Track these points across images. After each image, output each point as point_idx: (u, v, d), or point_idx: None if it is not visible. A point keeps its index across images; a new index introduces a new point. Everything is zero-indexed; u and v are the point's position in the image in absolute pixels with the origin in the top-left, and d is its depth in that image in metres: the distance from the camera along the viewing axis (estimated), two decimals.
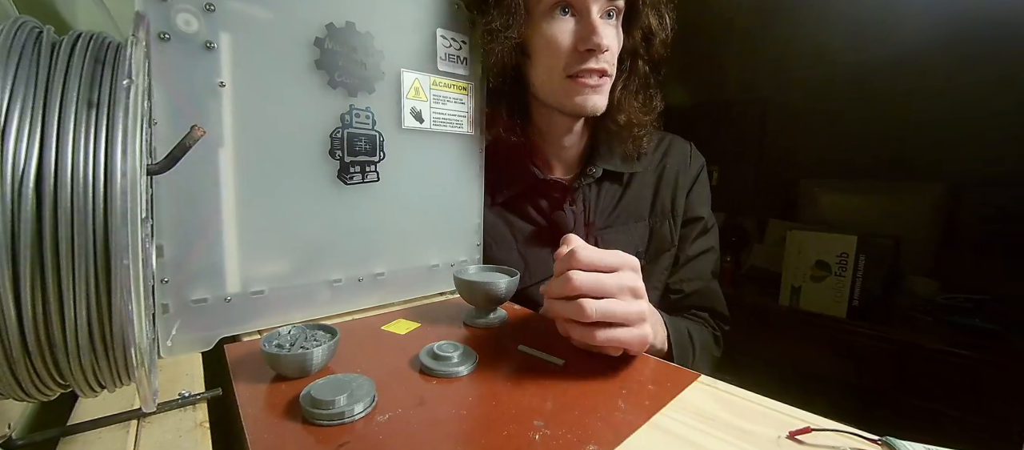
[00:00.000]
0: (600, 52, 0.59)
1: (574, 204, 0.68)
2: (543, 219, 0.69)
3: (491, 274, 0.53)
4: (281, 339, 0.39)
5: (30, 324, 0.22)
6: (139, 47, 0.24)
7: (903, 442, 0.30)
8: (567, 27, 0.59)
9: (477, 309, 0.52)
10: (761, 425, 0.34)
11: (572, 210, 0.68)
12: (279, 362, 0.37)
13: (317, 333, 0.41)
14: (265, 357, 0.37)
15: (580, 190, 0.69)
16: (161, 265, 0.40)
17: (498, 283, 0.49)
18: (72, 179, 0.21)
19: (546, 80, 0.63)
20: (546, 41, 0.60)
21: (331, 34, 0.48)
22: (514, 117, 0.66)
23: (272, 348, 0.37)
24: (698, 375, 0.41)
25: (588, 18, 0.58)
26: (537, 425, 0.32)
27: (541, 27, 0.59)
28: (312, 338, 0.40)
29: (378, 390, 0.35)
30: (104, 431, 0.31)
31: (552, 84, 0.62)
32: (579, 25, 0.59)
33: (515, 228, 0.69)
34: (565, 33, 0.59)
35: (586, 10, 0.58)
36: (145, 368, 0.24)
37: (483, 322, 0.51)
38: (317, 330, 0.42)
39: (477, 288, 0.49)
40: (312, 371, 0.38)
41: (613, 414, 0.34)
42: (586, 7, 0.58)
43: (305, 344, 0.39)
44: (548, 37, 0.59)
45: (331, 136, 0.49)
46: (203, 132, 0.26)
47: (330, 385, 0.33)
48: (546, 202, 0.69)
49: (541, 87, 0.64)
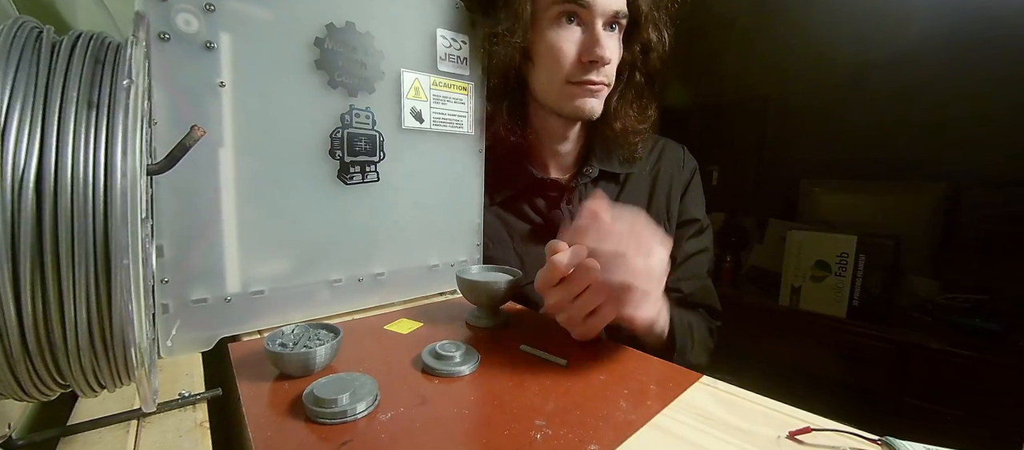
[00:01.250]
0: (603, 64, 0.60)
1: (571, 203, 0.70)
2: (540, 218, 0.70)
3: (493, 274, 0.54)
4: (284, 338, 0.40)
5: (30, 324, 0.22)
6: (139, 47, 0.24)
7: (903, 442, 0.30)
8: (572, 36, 0.60)
9: (479, 309, 0.52)
10: (761, 425, 0.34)
11: (569, 209, 0.69)
12: (282, 361, 0.37)
13: (320, 332, 0.41)
14: (269, 356, 0.37)
15: (577, 190, 0.70)
16: (161, 265, 0.40)
17: (500, 283, 0.49)
18: (72, 179, 0.21)
19: (547, 85, 0.64)
20: (550, 48, 0.61)
21: (331, 34, 0.48)
22: (513, 119, 0.67)
23: (276, 347, 0.38)
24: (700, 376, 0.41)
25: (593, 30, 0.60)
26: (539, 425, 0.32)
27: (546, 34, 0.61)
28: (315, 337, 0.40)
29: (380, 389, 0.35)
30: (104, 431, 0.31)
31: (553, 89, 0.64)
32: (584, 35, 0.60)
33: (512, 228, 0.70)
34: (570, 42, 0.60)
35: (591, 21, 0.59)
36: (145, 368, 0.24)
37: (485, 322, 0.51)
38: (320, 329, 0.42)
39: (480, 288, 0.49)
40: (315, 370, 0.38)
41: (615, 414, 0.34)
42: (592, 18, 0.59)
43: (308, 343, 0.39)
44: (553, 44, 0.61)
45: (331, 136, 0.49)
46: (203, 132, 0.26)
47: (333, 384, 0.33)
48: (543, 201, 0.70)
49: (541, 91, 0.66)
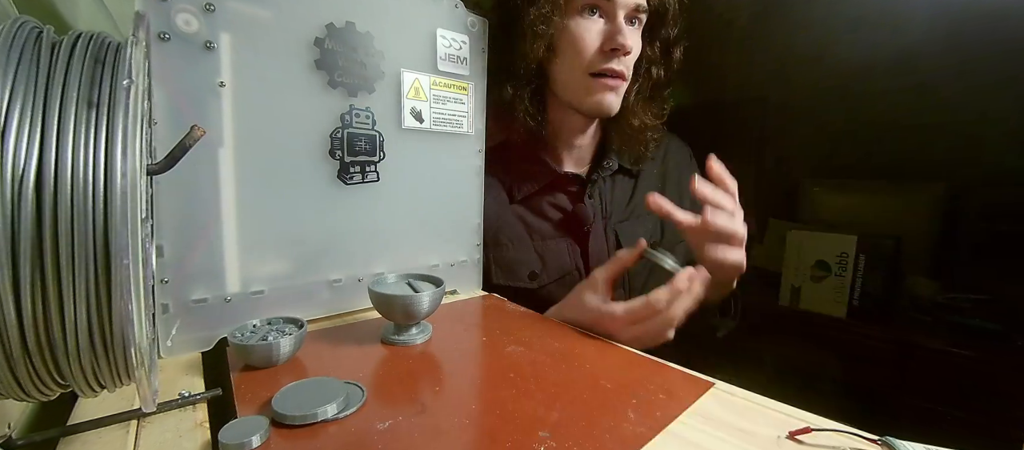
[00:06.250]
0: (624, 53, 0.62)
1: (592, 198, 0.71)
2: (561, 214, 0.71)
3: (416, 284, 0.48)
4: (248, 331, 0.41)
5: (30, 324, 0.22)
6: (139, 47, 0.24)
7: (903, 442, 0.30)
8: (595, 27, 0.63)
9: (396, 326, 0.46)
10: (761, 425, 0.34)
11: (590, 203, 0.71)
12: (248, 353, 0.38)
13: (285, 325, 0.43)
14: (234, 349, 0.38)
15: (597, 184, 0.72)
16: (161, 265, 0.40)
17: (421, 297, 0.43)
18: (72, 179, 0.21)
19: (569, 77, 0.66)
20: (573, 38, 0.63)
21: (331, 34, 0.48)
22: (533, 115, 0.68)
23: (241, 339, 0.39)
24: (713, 383, 0.40)
25: (615, 20, 0.62)
26: (542, 436, 0.31)
27: (569, 25, 0.63)
28: (280, 330, 0.42)
29: (374, 396, 0.35)
30: (104, 431, 0.31)
31: (574, 81, 0.65)
32: (606, 26, 0.63)
33: (532, 227, 0.70)
34: (592, 32, 0.63)
35: (614, 13, 0.62)
36: (145, 368, 0.24)
37: (401, 339, 0.45)
38: (285, 323, 0.44)
39: (396, 302, 0.43)
40: (280, 361, 0.39)
41: (622, 425, 0.33)
42: (614, 10, 0.62)
43: (271, 335, 0.41)
44: (576, 34, 0.63)
45: (331, 136, 0.49)
46: (203, 132, 0.26)
47: (314, 391, 0.33)
48: (564, 196, 0.71)
49: (562, 84, 0.67)
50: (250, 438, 0.28)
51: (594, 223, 0.70)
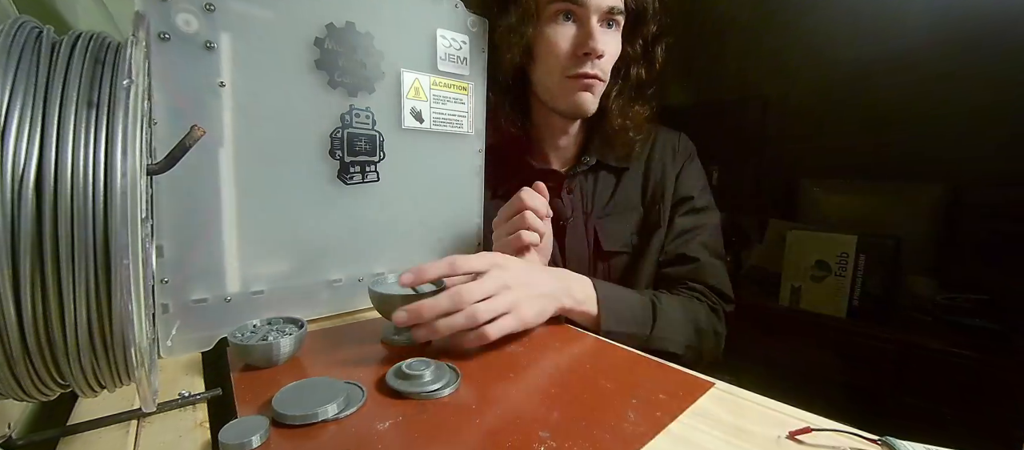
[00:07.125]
0: (595, 56, 0.63)
1: (571, 193, 0.72)
2: None
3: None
4: (248, 331, 0.41)
5: (30, 324, 0.22)
6: (139, 47, 0.24)
7: (903, 442, 0.30)
8: (568, 32, 0.64)
9: (396, 326, 0.44)
10: (761, 425, 0.34)
11: (569, 198, 0.72)
12: (248, 353, 0.38)
13: (285, 325, 0.43)
14: (234, 349, 0.38)
15: (576, 179, 0.73)
16: (161, 265, 0.40)
17: (420, 297, 0.43)
18: (72, 179, 0.21)
19: (546, 80, 0.67)
20: (548, 44, 0.65)
21: (331, 34, 0.48)
22: (515, 115, 0.70)
23: (241, 339, 0.39)
24: (713, 383, 0.40)
25: (587, 25, 0.63)
26: (542, 436, 0.31)
27: (545, 32, 0.65)
28: (280, 330, 0.42)
29: (372, 394, 0.35)
30: (104, 431, 0.31)
31: (551, 84, 0.67)
32: (578, 31, 0.64)
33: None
34: (565, 38, 0.64)
35: (586, 18, 0.63)
36: (145, 368, 0.24)
37: (401, 339, 0.45)
38: (285, 323, 0.43)
39: (396, 302, 0.43)
40: (280, 361, 0.39)
41: (622, 425, 0.33)
42: (586, 16, 0.63)
43: (271, 335, 0.41)
44: (550, 41, 0.64)
45: (331, 136, 0.49)
46: (203, 132, 0.26)
47: (321, 390, 0.33)
48: None
49: (542, 88, 0.69)
50: (250, 438, 0.28)
51: (572, 218, 0.72)
